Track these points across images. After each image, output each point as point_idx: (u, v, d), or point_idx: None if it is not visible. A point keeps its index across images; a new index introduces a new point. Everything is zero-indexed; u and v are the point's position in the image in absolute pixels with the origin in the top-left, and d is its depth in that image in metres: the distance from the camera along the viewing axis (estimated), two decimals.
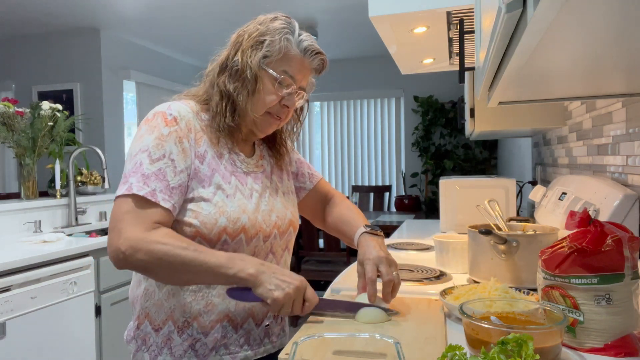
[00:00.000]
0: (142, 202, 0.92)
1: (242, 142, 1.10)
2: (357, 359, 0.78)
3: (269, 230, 1.06)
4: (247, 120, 1.05)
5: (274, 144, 1.18)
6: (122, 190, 0.94)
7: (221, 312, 1.01)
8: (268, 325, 1.08)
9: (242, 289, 0.92)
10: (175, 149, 0.97)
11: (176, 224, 0.98)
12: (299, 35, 1.03)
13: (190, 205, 0.98)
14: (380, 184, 6.00)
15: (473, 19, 1.61)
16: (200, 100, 1.07)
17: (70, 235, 2.59)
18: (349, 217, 1.22)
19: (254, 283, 0.90)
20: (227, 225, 0.98)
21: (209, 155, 1.02)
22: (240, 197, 1.02)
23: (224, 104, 1.02)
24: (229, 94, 1.02)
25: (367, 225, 1.15)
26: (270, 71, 1.01)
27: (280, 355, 0.81)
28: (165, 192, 0.94)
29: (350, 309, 1.00)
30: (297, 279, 0.92)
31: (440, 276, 1.38)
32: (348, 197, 3.67)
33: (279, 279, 0.90)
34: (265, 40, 1.00)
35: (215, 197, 0.99)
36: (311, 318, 1.01)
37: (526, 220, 1.72)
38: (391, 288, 1.02)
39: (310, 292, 0.94)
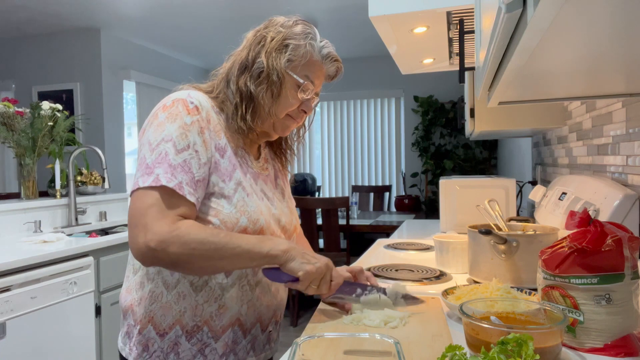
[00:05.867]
0: (168, 194, 0.89)
1: (250, 144, 1.08)
2: (361, 357, 0.78)
3: (278, 234, 1.05)
4: (265, 122, 1.03)
5: (280, 148, 1.17)
6: (147, 181, 0.89)
7: (233, 315, 0.99)
8: (270, 331, 1.08)
9: (277, 269, 0.93)
10: (198, 139, 0.93)
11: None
12: (321, 41, 1.04)
13: (209, 202, 0.95)
14: (380, 184, 6.00)
15: (473, 19, 1.61)
16: (213, 97, 1.03)
17: (70, 235, 2.59)
18: None
19: (286, 258, 0.91)
20: (247, 226, 0.96)
21: (229, 150, 0.99)
22: (256, 198, 1.01)
23: (244, 106, 0.99)
24: (251, 96, 0.99)
25: None
26: (295, 76, 1.00)
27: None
28: (191, 185, 0.91)
29: (370, 292, 1.03)
30: (325, 259, 0.94)
31: (440, 276, 1.38)
32: (348, 197, 3.69)
33: (309, 255, 0.93)
34: (289, 44, 0.99)
35: (236, 195, 0.97)
36: (316, 312, 1.02)
37: (526, 220, 1.72)
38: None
39: (337, 273, 0.97)
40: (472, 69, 2.05)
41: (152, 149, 0.92)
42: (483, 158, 5.55)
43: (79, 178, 3.00)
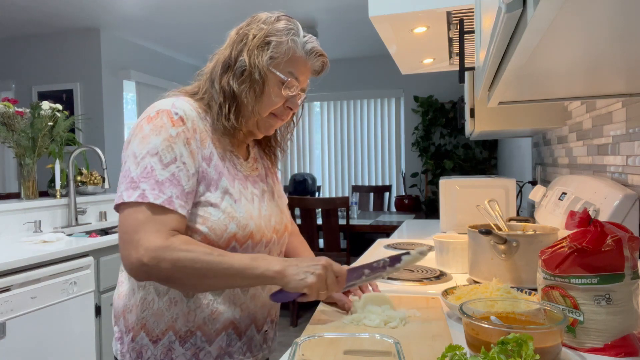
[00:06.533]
0: (158, 209, 0.88)
1: (238, 144, 1.07)
2: (361, 357, 0.78)
3: (269, 235, 1.05)
4: (249, 121, 1.02)
5: (269, 146, 1.16)
6: (132, 196, 0.89)
7: (227, 319, 0.99)
8: (266, 330, 1.08)
9: (281, 291, 0.93)
10: (185, 151, 0.93)
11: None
12: (304, 36, 1.02)
13: (196, 211, 0.94)
14: (380, 184, 6.00)
15: (473, 19, 1.61)
16: (198, 98, 1.03)
17: (70, 235, 2.59)
18: (306, 255, 1.23)
19: (281, 280, 0.90)
20: (237, 232, 0.96)
21: (215, 157, 0.98)
22: (245, 202, 1.00)
23: (228, 105, 0.98)
24: (234, 95, 0.98)
25: None
26: (278, 73, 0.99)
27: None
28: (181, 198, 0.90)
29: (377, 267, 1.01)
30: (320, 259, 0.93)
31: (440, 276, 1.38)
32: (348, 197, 3.69)
33: (304, 267, 0.91)
34: (271, 41, 0.98)
35: (224, 203, 0.96)
36: (316, 313, 1.02)
37: (526, 220, 1.72)
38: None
39: (337, 266, 0.95)
40: (472, 69, 2.05)
41: (137, 162, 0.91)
42: (483, 158, 5.55)
43: (79, 178, 3.00)
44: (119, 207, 0.91)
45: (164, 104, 0.97)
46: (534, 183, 2.68)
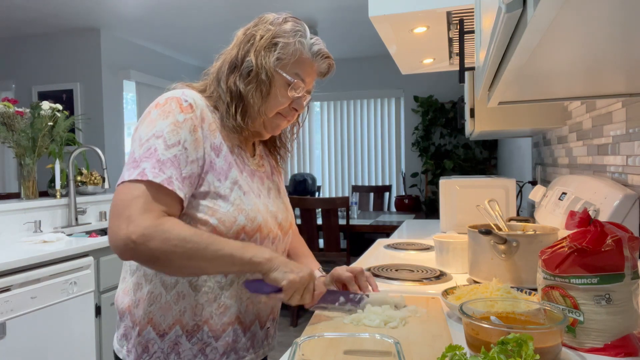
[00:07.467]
0: (155, 188, 0.87)
1: (245, 142, 1.08)
2: (361, 357, 0.78)
3: (275, 231, 1.05)
4: (256, 121, 1.03)
5: (274, 146, 1.17)
6: (132, 174, 0.88)
7: (233, 314, 0.99)
8: (268, 327, 1.08)
9: (259, 281, 0.93)
10: (189, 137, 0.93)
11: (190, 222, 0.94)
12: (311, 38, 1.03)
13: (205, 202, 0.94)
14: (380, 184, 6.00)
15: (473, 19, 1.61)
16: (207, 96, 1.03)
17: (70, 235, 2.59)
18: (306, 255, 1.24)
19: (269, 267, 0.90)
20: (245, 224, 0.96)
21: (224, 148, 0.99)
22: (253, 196, 1.01)
23: (235, 105, 0.99)
24: (241, 95, 0.99)
25: (321, 269, 1.19)
26: (284, 74, 1.00)
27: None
28: (180, 181, 0.90)
29: (353, 300, 1.03)
30: (307, 269, 0.94)
31: (440, 276, 1.38)
32: (348, 197, 3.69)
33: (292, 266, 0.93)
34: (279, 42, 0.99)
35: (233, 194, 0.96)
36: (316, 313, 1.02)
37: (526, 220, 1.72)
38: (366, 276, 1.11)
39: (319, 283, 0.97)
40: (472, 69, 2.06)
41: (142, 144, 0.91)
42: (483, 158, 5.55)
43: (79, 178, 3.00)
44: (118, 185, 0.91)
45: (174, 93, 0.98)
46: (534, 183, 2.68)
